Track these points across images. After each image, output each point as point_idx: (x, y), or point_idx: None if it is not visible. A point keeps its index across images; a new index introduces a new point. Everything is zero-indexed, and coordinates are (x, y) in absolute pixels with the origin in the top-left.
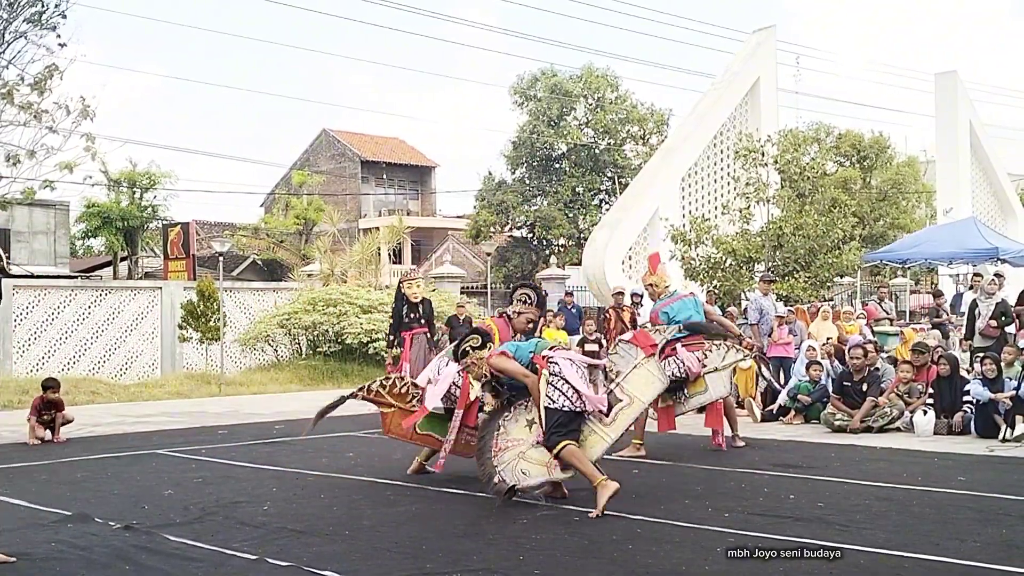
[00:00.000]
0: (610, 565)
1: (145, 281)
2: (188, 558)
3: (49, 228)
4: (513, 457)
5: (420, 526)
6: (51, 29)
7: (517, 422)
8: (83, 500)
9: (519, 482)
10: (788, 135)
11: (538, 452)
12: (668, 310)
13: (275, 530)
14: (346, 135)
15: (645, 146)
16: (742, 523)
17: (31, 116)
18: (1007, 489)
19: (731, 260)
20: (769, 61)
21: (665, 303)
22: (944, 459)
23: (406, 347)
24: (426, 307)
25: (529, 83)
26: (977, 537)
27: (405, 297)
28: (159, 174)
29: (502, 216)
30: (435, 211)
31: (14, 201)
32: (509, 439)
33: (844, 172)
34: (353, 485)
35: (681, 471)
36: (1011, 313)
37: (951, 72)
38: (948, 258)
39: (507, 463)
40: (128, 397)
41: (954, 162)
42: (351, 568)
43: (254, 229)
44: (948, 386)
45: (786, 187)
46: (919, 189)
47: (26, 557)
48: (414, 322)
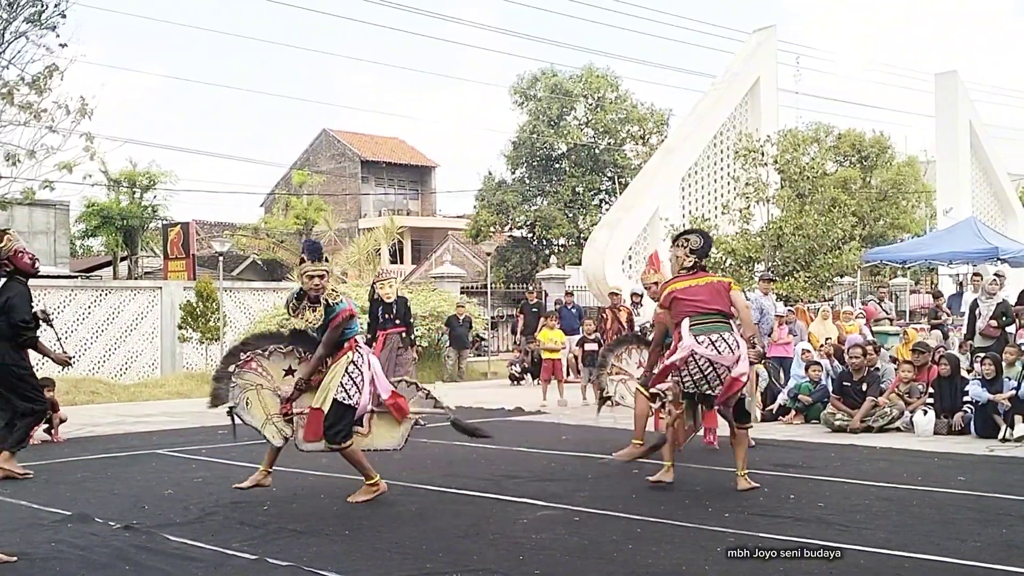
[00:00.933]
0: (610, 565)
1: (145, 281)
2: (188, 558)
3: (49, 228)
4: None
5: (420, 526)
6: (51, 29)
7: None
8: (83, 500)
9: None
10: (788, 135)
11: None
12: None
13: (275, 530)
14: (346, 135)
15: (645, 146)
16: (742, 523)
17: (31, 116)
18: (1007, 489)
19: (731, 260)
20: (769, 61)
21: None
22: (944, 459)
23: (378, 346)
24: (400, 306)
25: (529, 83)
26: (977, 537)
27: (379, 297)
28: (159, 173)
29: (502, 216)
30: (435, 211)
31: (14, 201)
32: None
33: (844, 172)
34: (353, 485)
35: (681, 471)
36: (1011, 313)
37: (951, 72)
38: (948, 258)
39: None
40: (128, 397)
41: (954, 162)
42: (351, 568)
43: (254, 229)
44: (949, 386)
45: (786, 187)
46: (919, 189)
47: (26, 557)
48: (388, 322)
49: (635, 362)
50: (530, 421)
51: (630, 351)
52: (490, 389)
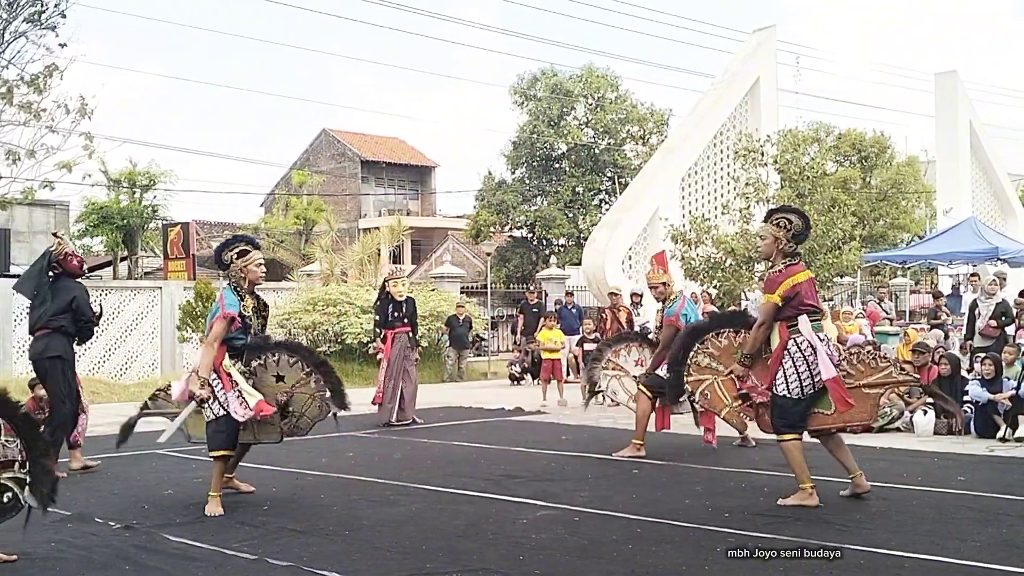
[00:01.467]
0: (610, 565)
1: (145, 281)
2: (188, 558)
3: (49, 228)
4: None
5: (420, 526)
6: (51, 29)
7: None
8: (83, 500)
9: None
10: (788, 135)
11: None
12: (686, 311)
13: (275, 530)
14: (346, 135)
15: (645, 146)
16: (742, 523)
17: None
18: (1007, 489)
19: (731, 260)
20: (769, 61)
21: (680, 305)
22: (944, 459)
23: (387, 345)
24: (409, 306)
25: (529, 83)
26: (977, 537)
27: (390, 295)
28: (158, 173)
29: (502, 216)
30: (435, 211)
31: (14, 201)
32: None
33: (844, 172)
34: (353, 485)
35: (681, 471)
36: (1011, 313)
37: (951, 72)
38: (948, 258)
39: None
40: (128, 397)
41: (954, 162)
42: (351, 568)
43: (254, 229)
44: (949, 386)
45: (786, 187)
46: (919, 189)
47: (26, 557)
48: (397, 321)
49: (633, 360)
50: (530, 421)
51: (629, 348)
52: (490, 389)
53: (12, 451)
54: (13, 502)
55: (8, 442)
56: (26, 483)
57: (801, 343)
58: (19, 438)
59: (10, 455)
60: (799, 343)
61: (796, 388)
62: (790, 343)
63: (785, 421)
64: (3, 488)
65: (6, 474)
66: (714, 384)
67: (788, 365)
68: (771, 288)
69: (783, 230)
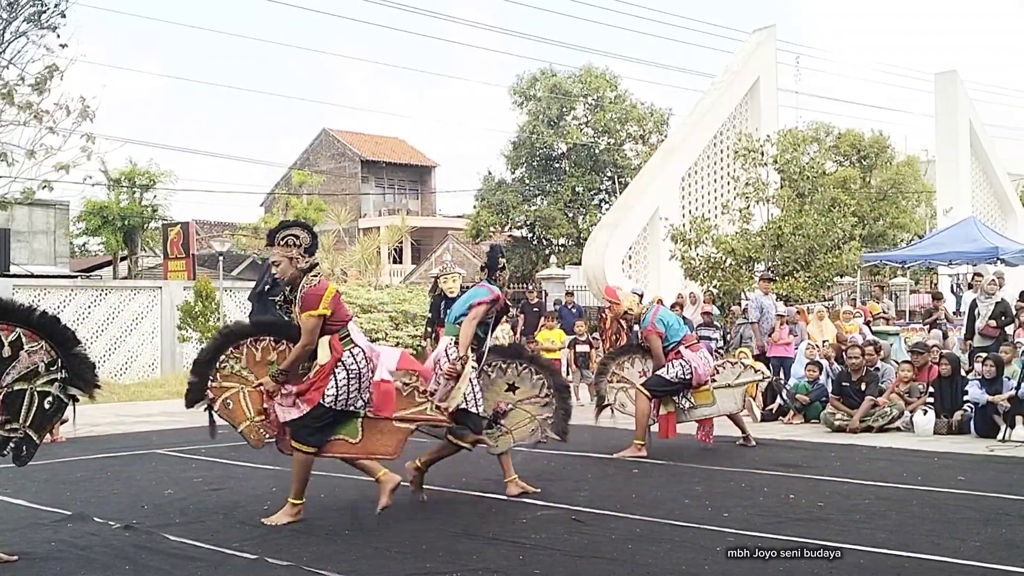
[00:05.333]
0: (610, 565)
1: (145, 281)
2: (188, 558)
3: (49, 228)
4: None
5: (420, 526)
6: (51, 29)
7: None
8: (83, 500)
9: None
10: (788, 135)
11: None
12: (660, 316)
13: (275, 530)
14: (346, 135)
15: (645, 146)
16: (742, 523)
17: (31, 116)
18: (1007, 489)
19: (731, 260)
20: (769, 61)
21: (653, 313)
22: (944, 459)
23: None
24: None
25: (529, 83)
26: (977, 537)
27: (443, 293)
28: (158, 173)
29: (502, 216)
30: (435, 211)
31: (14, 201)
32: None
33: (844, 172)
34: (353, 485)
35: (681, 471)
36: (1011, 313)
37: (951, 72)
38: (948, 258)
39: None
40: (128, 397)
41: (954, 162)
42: (351, 568)
43: (254, 229)
44: (949, 386)
45: (786, 187)
46: (919, 189)
47: (26, 557)
48: None
49: (637, 371)
50: None
51: (633, 360)
52: None
53: (39, 356)
54: (57, 404)
55: (33, 349)
56: (63, 380)
57: (356, 354)
58: (43, 339)
59: (37, 360)
60: (354, 354)
61: (342, 400)
62: (345, 355)
63: (309, 431)
64: (43, 395)
65: (39, 381)
66: (239, 394)
67: (341, 377)
68: (313, 304)
69: (294, 248)
